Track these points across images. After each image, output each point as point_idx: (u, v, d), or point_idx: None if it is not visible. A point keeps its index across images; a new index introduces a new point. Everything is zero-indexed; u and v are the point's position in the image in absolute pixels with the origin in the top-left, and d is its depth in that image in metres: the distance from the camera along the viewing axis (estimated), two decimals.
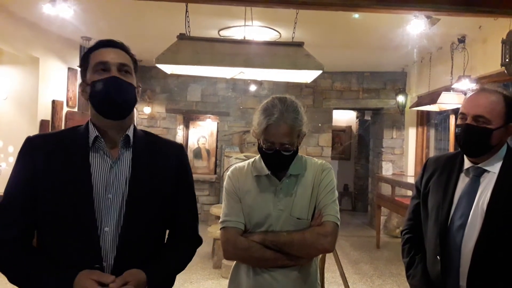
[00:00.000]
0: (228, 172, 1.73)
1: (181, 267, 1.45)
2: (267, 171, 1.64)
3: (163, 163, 1.41)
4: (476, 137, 1.50)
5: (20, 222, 1.28)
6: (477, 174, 1.55)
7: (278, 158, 1.58)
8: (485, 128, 1.48)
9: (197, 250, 1.50)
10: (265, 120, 1.54)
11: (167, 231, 1.49)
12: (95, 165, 1.31)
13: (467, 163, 1.59)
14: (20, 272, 1.26)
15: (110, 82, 1.29)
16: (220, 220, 1.68)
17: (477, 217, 1.48)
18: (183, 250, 1.46)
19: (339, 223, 1.62)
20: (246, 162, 1.75)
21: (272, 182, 1.65)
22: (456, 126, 1.57)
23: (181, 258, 1.45)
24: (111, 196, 1.30)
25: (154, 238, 1.39)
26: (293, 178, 1.65)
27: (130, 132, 1.37)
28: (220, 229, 1.67)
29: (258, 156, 1.70)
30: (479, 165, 1.55)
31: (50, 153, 1.31)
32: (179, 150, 1.50)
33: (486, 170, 1.54)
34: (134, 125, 1.42)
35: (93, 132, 1.33)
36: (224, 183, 1.73)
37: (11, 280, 1.26)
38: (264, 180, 1.66)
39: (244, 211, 1.64)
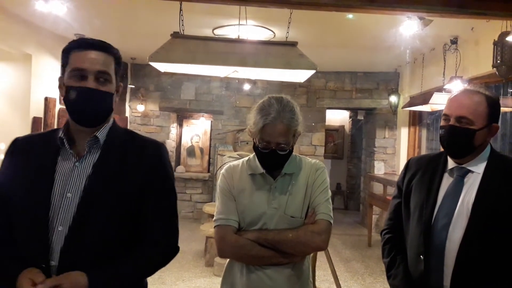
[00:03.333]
0: (222, 170, 1.74)
1: (142, 272, 1.36)
2: (261, 170, 1.65)
3: (132, 165, 1.34)
4: (459, 138, 1.51)
5: (1, 218, 1.32)
6: (461, 174, 1.56)
7: (274, 157, 1.59)
8: (468, 129, 1.49)
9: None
10: (262, 120, 1.55)
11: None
12: (60, 165, 1.32)
13: (451, 163, 1.60)
14: None
15: (84, 94, 1.27)
16: (214, 218, 1.68)
17: (462, 217, 1.49)
18: (146, 255, 1.34)
19: (332, 221, 1.64)
20: (241, 160, 1.76)
21: (266, 181, 1.66)
22: (440, 127, 1.58)
23: (142, 263, 1.34)
24: (70, 195, 1.28)
25: (110, 240, 1.30)
26: (287, 177, 1.67)
27: (100, 133, 1.34)
28: (214, 227, 1.67)
29: (252, 155, 1.71)
30: (463, 166, 1.56)
31: (26, 154, 1.34)
32: (156, 151, 1.40)
33: (470, 171, 1.55)
34: (113, 124, 1.40)
35: (60, 133, 1.34)
36: (218, 181, 1.73)
37: None
38: (258, 178, 1.67)
39: (238, 209, 1.65)
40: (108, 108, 1.33)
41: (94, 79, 1.28)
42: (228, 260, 1.75)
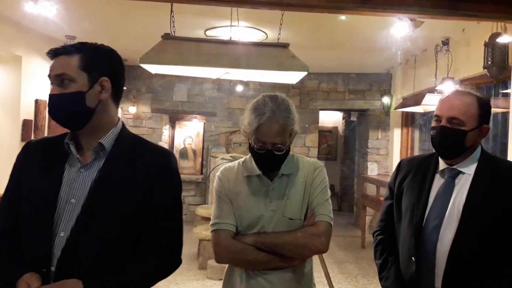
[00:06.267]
0: (218, 173, 1.69)
1: (140, 283, 1.32)
2: (258, 171, 1.60)
3: (139, 173, 1.32)
4: (451, 139, 1.51)
5: (8, 219, 1.33)
6: (452, 176, 1.56)
7: (270, 158, 1.54)
8: (459, 130, 1.50)
9: (182, 251, 1.39)
10: (257, 120, 1.50)
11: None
12: (67, 170, 1.31)
13: (442, 165, 1.60)
14: None
15: (48, 102, 1.31)
16: (211, 222, 1.63)
17: (453, 218, 1.49)
18: (146, 266, 1.32)
19: (332, 223, 1.60)
20: (236, 162, 1.70)
21: (263, 183, 1.61)
22: (431, 128, 1.58)
23: (141, 274, 1.31)
24: (74, 201, 1.27)
25: (112, 249, 1.28)
26: (284, 178, 1.61)
27: (106, 139, 1.32)
28: (211, 231, 1.62)
29: (248, 156, 1.66)
30: (454, 167, 1.56)
31: (39, 157, 1.34)
32: (165, 159, 1.38)
33: (461, 172, 1.55)
34: (122, 130, 1.38)
35: (66, 137, 1.34)
36: (214, 184, 1.68)
37: None
38: (255, 180, 1.62)
39: (235, 213, 1.60)
40: (79, 107, 1.27)
41: (56, 85, 1.29)
42: (227, 265, 1.69)
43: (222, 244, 1.57)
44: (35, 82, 5.11)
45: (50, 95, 1.29)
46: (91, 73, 1.29)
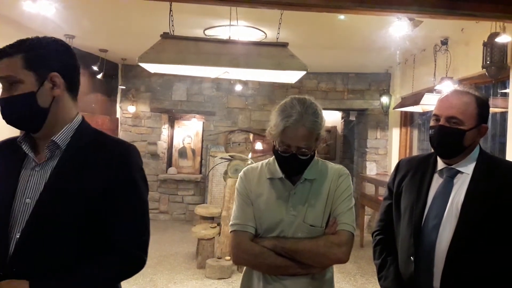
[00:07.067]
0: (241, 173, 1.67)
1: (95, 284, 1.25)
2: (280, 174, 1.58)
3: (94, 170, 1.25)
4: (449, 138, 1.52)
5: None
6: (451, 175, 1.56)
7: (294, 162, 1.52)
8: (458, 129, 1.50)
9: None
10: (283, 122, 1.46)
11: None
12: (24, 170, 1.28)
13: (440, 164, 1.60)
14: None
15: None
16: (231, 222, 1.62)
17: (451, 218, 1.49)
18: (102, 267, 1.25)
19: (354, 232, 1.57)
20: (260, 163, 1.69)
21: (285, 186, 1.59)
22: (430, 127, 1.59)
23: (95, 275, 1.24)
24: (29, 201, 1.23)
25: (67, 249, 1.23)
26: (307, 183, 1.59)
27: (60, 137, 1.28)
28: (230, 232, 1.61)
29: (272, 158, 1.64)
30: (452, 166, 1.57)
31: (4, 158, 1.33)
32: (124, 153, 1.30)
33: (459, 171, 1.55)
34: (80, 126, 1.33)
35: (19, 137, 1.31)
36: (236, 184, 1.67)
37: None
38: (277, 183, 1.60)
39: (255, 215, 1.59)
40: (31, 108, 1.23)
41: (5, 88, 1.24)
42: (245, 268, 1.68)
43: (241, 246, 1.56)
44: None
45: (0, 99, 1.24)
46: (38, 71, 1.24)
